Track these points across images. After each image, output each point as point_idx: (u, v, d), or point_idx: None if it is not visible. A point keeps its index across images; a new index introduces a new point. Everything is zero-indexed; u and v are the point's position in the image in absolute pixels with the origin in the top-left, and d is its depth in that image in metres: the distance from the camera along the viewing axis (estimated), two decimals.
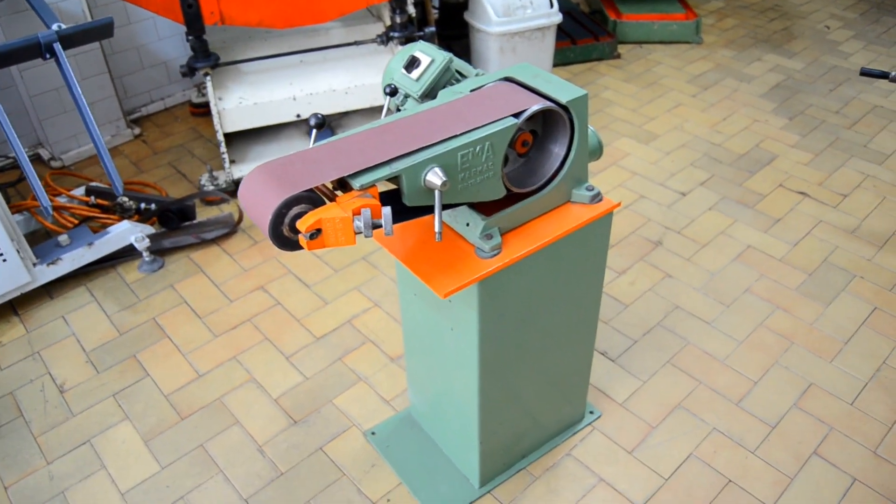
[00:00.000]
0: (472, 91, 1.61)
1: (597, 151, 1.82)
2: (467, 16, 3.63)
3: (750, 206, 3.14)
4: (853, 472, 2.10)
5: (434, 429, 2.18)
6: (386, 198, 1.43)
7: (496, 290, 1.63)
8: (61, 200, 3.05)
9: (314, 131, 1.53)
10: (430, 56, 1.68)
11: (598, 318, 1.99)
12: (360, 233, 1.29)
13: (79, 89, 2.41)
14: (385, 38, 3.19)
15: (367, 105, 3.28)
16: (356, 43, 3.18)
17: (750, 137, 3.61)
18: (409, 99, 1.72)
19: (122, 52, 3.72)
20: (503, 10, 3.46)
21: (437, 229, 1.41)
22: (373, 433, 2.23)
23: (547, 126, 1.65)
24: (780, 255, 2.88)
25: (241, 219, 3.12)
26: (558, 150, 1.66)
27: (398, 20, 3.15)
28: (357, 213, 1.29)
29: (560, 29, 4.30)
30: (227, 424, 2.29)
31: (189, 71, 2.96)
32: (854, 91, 3.98)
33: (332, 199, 1.35)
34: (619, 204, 1.75)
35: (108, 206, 3.06)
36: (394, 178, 1.39)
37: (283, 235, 1.30)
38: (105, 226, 2.95)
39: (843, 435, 2.20)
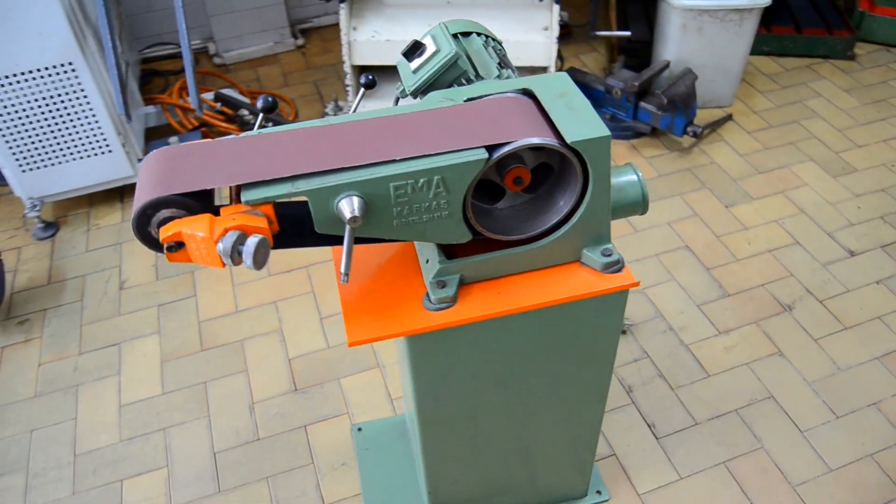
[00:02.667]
0: (466, 101, 1.28)
1: (638, 207, 1.41)
2: None
3: None
4: None
5: (415, 448, 1.97)
6: (299, 213, 1.20)
7: (439, 351, 1.34)
8: (190, 101, 3.14)
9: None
10: (436, 45, 1.36)
11: (604, 403, 1.61)
12: (223, 257, 1.08)
13: None
14: None
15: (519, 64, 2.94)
16: None
17: None
18: (361, 92, 1.43)
19: None
20: None
21: (342, 270, 1.15)
22: (359, 429, 2.08)
23: (563, 165, 1.28)
24: None
25: None
26: (564, 202, 1.29)
27: None
28: (224, 233, 1.08)
29: (786, 7, 3.54)
30: (236, 370, 2.26)
31: None
32: None
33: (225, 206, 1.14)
34: (637, 283, 1.35)
35: (231, 116, 3.10)
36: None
37: (150, 236, 1.13)
38: (221, 135, 2.99)
39: None
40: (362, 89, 1.45)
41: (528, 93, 1.30)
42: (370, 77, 1.45)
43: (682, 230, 2.67)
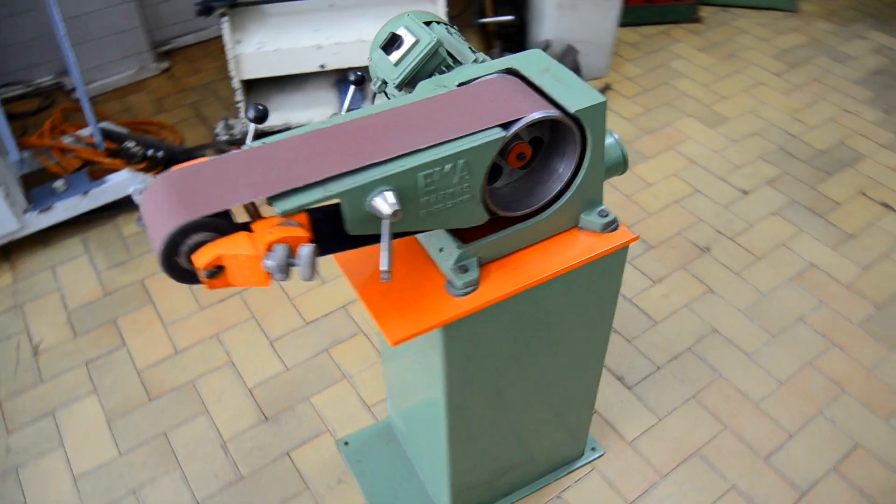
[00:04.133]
0: (459, 85, 1.30)
1: (620, 167, 1.49)
2: None
3: (820, 216, 2.71)
4: None
5: (411, 448, 1.95)
6: (325, 218, 1.16)
7: (467, 335, 1.35)
8: (66, 141, 2.88)
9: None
10: (414, 36, 1.36)
11: (603, 358, 1.69)
12: (272, 273, 1.03)
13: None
14: None
15: None
16: None
17: (834, 131, 3.13)
18: (350, 89, 1.42)
19: None
20: None
21: (383, 268, 1.13)
22: (346, 443, 2.02)
23: (555, 135, 1.32)
24: (847, 280, 2.47)
25: None
26: (563, 168, 1.33)
27: None
28: (270, 248, 1.02)
29: None
30: (196, 413, 2.12)
31: (205, 10, 2.70)
32: None
33: (252, 221, 1.08)
34: (637, 237, 1.43)
35: (115, 150, 2.88)
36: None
37: (180, 267, 1.05)
38: (109, 171, 2.77)
39: None
40: (352, 87, 1.41)
41: (511, 72, 1.34)
42: (359, 73, 1.43)
43: None
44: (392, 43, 1.37)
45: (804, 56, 3.61)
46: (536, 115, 1.20)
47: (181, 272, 1.05)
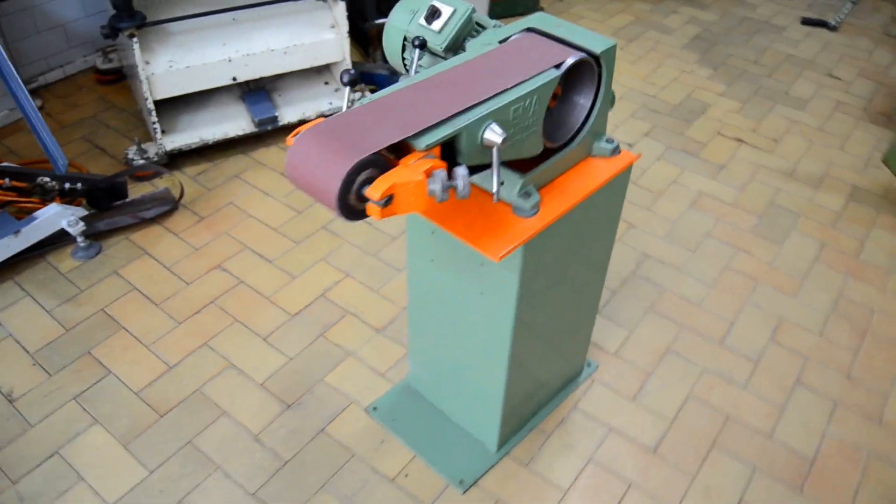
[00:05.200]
0: (500, 43, 1.53)
1: (612, 102, 1.79)
2: None
3: (694, 155, 3.24)
4: (834, 397, 2.24)
5: (441, 397, 2.12)
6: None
7: (535, 250, 1.58)
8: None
9: (347, 89, 1.40)
10: (451, 6, 1.57)
11: (607, 269, 1.99)
12: (434, 196, 1.20)
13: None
14: None
15: (308, 65, 3.09)
16: None
17: (681, 88, 3.72)
18: (424, 53, 1.61)
19: (13, 14, 3.29)
20: None
21: (495, 189, 1.33)
22: (374, 408, 2.14)
23: (571, 77, 1.59)
24: (730, 199, 3.00)
25: (182, 194, 2.87)
26: (584, 102, 1.61)
27: None
28: (428, 174, 1.19)
29: None
30: (214, 416, 2.13)
31: (111, 32, 2.66)
32: (766, 41, 4.18)
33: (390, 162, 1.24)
34: (639, 155, 1.74)
35: (26, 189, 2.72)
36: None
37: (349, 204, 1.18)
38: (26, 210, 2.62)
39: (818, 363, 2.34)
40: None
41: (532, 30, 1.59)
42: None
43: None
44: (433, 14, 1.56)
45: (636, 32, 4.21)
46: (576, 58, 1.47)
47: (349, 209, 1.18)
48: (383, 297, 2.51)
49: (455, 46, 1.58)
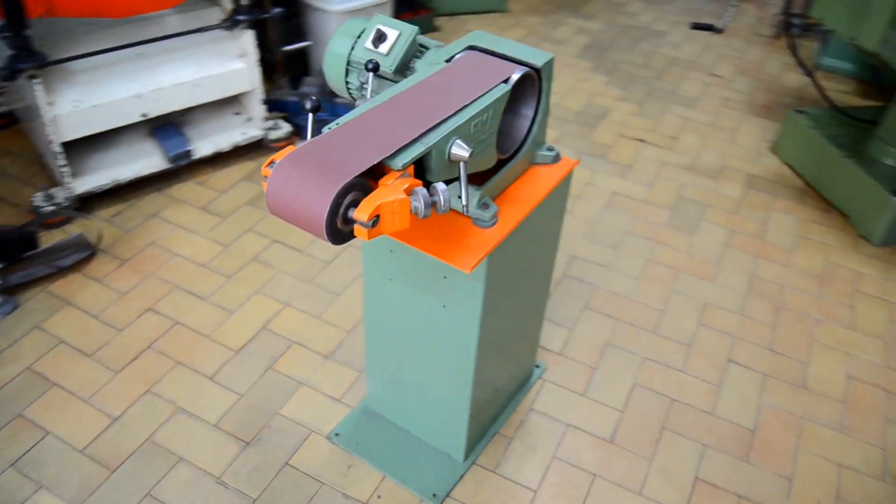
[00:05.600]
0: (447, 62, 1.58)
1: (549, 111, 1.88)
2: None
3: (602, 157, 3.42)
4: (762, 370, 2.42)
5: (403, 415, 2.13)
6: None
7: (497, 259, 1.63)
8: None
9: (310, 115, 1.41)
10: (396, 29, 1.61)
11: (553, 270, 2.08)
12: (417, 213, 1.23)
13: None
14: (231, 23, 2.95)
15: (219, 96, 3.03)
16: (200, 30, 2.90)
17: (580, 95, 3.91)
18: (370, 76, 1.64)
19: None
20: None
21: (465, 202, 1.38)
22: (336, 434, 2.13)
23: (515, 90, 1.66)
24: (642, 196, 3.18)
25: (100, 238, 2.74)
26: (528, 113, 1.69)
27: (245, 1, 2.93)
28: (409, 192, 1.22)
29: None
30: (171, 464, 2.04)
31: (10, 74, 2.51)
32: (651, 46, 4.47)
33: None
34: (578, 161, 1.83)
35: None
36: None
37: (336, 229, 1.20)
38: None
39: (743, 340, 2.53)
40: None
41: (474, 48, 1.65)
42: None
43: None
44: (380, 38, 1.59)
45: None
46: (521, 72, 1.55)
47: (336, 233, 1.20)
48: (326, 322, 2.50)
49: (402, 68, 1.62)
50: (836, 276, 2.81)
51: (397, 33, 1.60)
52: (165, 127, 3.12)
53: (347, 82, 1.73)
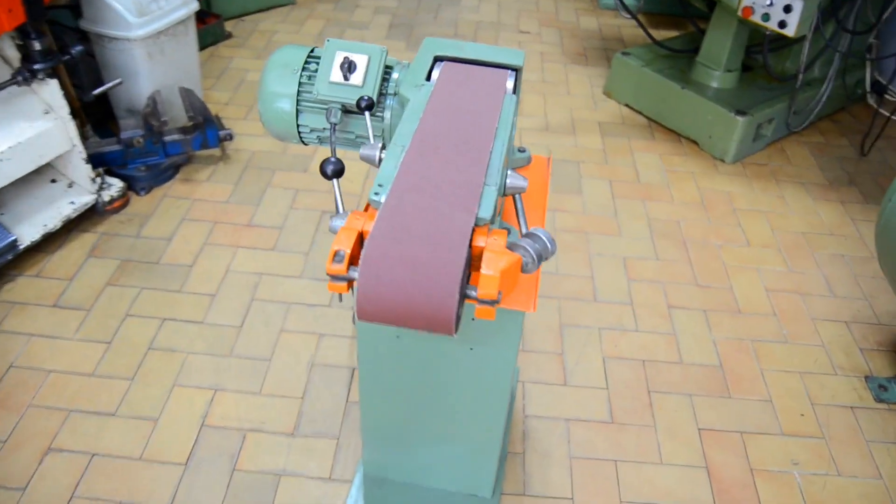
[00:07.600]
0: (427, 80, 1.37)
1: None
2: (85, 24, 2.89)
3: None
4: (700, 307, 2.54)
5: (414, 471, 1.92)
6: None
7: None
8: None
9: (336, 182, 1.14)
10: (364, 53, 1.36)
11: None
12: (526, 270, 1.06)
13: None
14: (27, 74, 2.37)
15: (34, 166, 2.46)
16: None
17: None
18: (339, 112, 1.38)
19: None
20: (137, 9, 2.85)
21: (525, 231, 1.22)
22: None
23: None
24: None
25: None
26: None
27: (38, 46, 2.36)
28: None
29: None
30: None
31: None
32: (452, 13, 4.43)
33: None
34: (551, 156, 1.73)
35: None
36: None
37: (459, 314, 0.98)
38: None
39: (672, 283, 2.62)
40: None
41: (442, 58, 1.45)
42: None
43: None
44: (349, 68, 1.33)
45: (335, 33, 4.14)
46: (512, 77, 1.41)
47: (458, 319, 0.98)
48: (271, 395, 2.17)
49: (378, 96, 1.38)
50: (713, 200, 3.03)
51: (366, 58, 1.36)
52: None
53: (299, 127, 1.44)
